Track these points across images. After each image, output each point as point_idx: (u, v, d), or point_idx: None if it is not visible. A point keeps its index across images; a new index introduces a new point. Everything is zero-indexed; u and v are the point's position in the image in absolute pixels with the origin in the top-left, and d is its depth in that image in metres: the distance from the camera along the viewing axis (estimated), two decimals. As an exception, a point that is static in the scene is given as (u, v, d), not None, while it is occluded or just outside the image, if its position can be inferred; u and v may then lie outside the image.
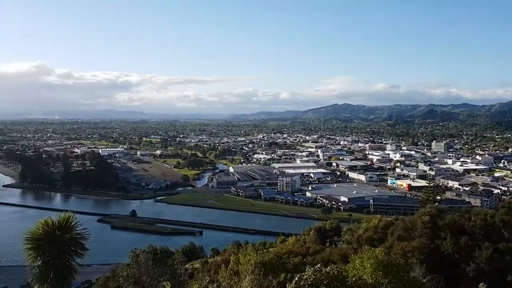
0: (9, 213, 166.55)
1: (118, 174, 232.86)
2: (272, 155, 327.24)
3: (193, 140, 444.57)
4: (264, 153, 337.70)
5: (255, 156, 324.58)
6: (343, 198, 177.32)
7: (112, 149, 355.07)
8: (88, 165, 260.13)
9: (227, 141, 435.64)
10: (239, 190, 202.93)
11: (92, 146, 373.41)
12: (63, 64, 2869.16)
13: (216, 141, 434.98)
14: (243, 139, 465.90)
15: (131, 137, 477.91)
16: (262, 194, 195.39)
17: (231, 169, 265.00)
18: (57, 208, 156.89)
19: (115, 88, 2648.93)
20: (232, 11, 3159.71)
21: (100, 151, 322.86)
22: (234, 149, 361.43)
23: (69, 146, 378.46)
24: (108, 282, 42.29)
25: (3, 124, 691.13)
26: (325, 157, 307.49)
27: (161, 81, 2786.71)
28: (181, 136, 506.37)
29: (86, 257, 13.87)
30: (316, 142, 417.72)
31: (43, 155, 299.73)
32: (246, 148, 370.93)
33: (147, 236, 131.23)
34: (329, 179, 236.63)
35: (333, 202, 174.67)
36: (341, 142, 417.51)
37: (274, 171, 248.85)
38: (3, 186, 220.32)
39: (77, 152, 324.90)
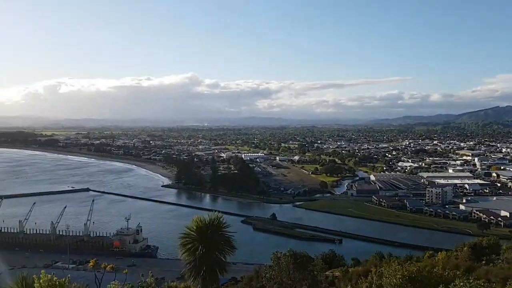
0: (167, 211, 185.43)
1: (259, 178, 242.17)
2: (419, 163, 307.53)
3: (331, 146, 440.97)
4: (409, 161, 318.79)
5: (399, 164, 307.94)
6: (503, 213, 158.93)
7: (253, 154, 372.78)
8: (232, 169, 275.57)
9: (368, 148, 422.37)
10: (381, 200, 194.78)
11: (236, 151, 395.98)
12: (212, 75, 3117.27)
13: (356, 147, 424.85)
14: (386, 145, 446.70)
15: (270, 143, 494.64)
16: (408, 205, 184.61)
17: (372, 177, 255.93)
18: (206, 208, 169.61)
19: (257, 95, 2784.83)
20: (374, 10, 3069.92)
21: (243, 156, 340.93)
22: (375, 156, 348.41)
23: (216, 150, 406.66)
24: (252, 281, 43.86)
25: (161, 131, 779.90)
26: (483, 167, 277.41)
27: (299, 87, 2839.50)
28: (319, 141, 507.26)
29: (232, 255, 14.39)
30: (473, 150, 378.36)
31: (195, 159, 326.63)
32: (389, 155, 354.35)
33: (287, 240, 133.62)
34: (487, 191, 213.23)
35: (492, 217, 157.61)
36: (503, 150, 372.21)
37: (422, 180, 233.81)
38: (162, 186, 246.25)
39: (223, 157, 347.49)
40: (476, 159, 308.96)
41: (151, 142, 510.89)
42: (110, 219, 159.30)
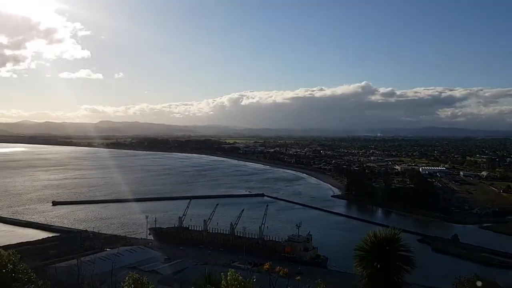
0: (336, 222, 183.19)
1: (439, 195, 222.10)
2: None
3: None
4: None
5: None
6: None
7: (432, 167, 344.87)
8: (408, 182, 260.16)
9: None
10: None
11: (412, 164, 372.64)
12: (387, 83, 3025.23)
13: None
14: None
15: (453, 156, 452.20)
16: None
17: None
18: (378, 222, 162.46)
19: (437, 104, 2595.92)
20: None
21: (420, 169, 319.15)
22: None
23: (389, 162, 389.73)
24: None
25: (332, 141, 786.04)
26: None
27: (489, 94, 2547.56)
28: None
29: (410, 275, 12.94)
30: None
31: (366, 170, 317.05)
32: None
33: (471, 265, 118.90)
34: None
35: None
36: None
37: None
38: (332, 196, 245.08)
39: (397, 169, 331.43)
40: None
41: (321, 151, 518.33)
42: (282, 225, 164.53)
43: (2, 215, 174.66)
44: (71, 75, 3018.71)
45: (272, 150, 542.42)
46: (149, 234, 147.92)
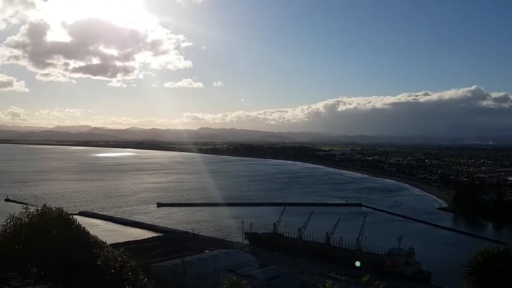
0: (441, 236, 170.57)
1: None
2: None
3: None
4: None
5: None
6: None
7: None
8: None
9: None
10: None
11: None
12: (500, 87, 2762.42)
13: None
14: None
15: None
16: None
17: None
18: (488, 237, 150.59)
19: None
20: None
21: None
22: None
23: (502, 173, 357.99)
24: None
25: (438, 149, 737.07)
26: None
27: None
28: None
29: None
30: None
31: (476, 181, 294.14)
32: None
33: None
34: None
35: None
36: None
37: None
38: (437, 209, 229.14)
39: (511, 181, 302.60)
40: None
41: (426, 160, 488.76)
42: (381, 237, 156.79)
43: (112, 215, 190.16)
44: (175, 84, 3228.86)
45: (370, 158, 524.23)
46: (244, 238, 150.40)
